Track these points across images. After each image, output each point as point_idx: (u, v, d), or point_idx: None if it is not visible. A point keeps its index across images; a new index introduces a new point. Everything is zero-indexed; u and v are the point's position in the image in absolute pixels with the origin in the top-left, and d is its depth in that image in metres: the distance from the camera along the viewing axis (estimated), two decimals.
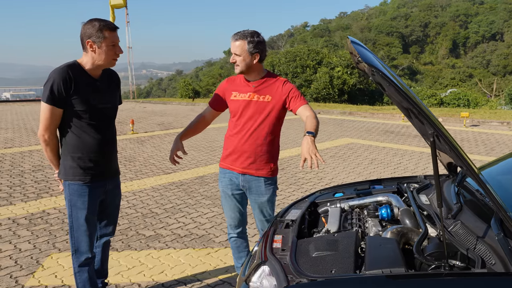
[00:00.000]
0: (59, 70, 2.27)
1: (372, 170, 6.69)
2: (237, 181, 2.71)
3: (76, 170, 2.37)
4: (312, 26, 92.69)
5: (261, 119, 2.60)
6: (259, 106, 2.61)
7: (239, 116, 2.65)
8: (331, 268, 1.68)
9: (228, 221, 2.87)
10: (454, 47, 77.09)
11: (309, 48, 29.84)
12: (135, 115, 13.97)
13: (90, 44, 2.26)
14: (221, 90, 2.77)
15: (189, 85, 27.15)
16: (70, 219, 2.44)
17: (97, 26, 2.25)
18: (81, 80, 2.30)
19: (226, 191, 2.78)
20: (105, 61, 2.32)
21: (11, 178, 5.99)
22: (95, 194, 2.46)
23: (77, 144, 2.36)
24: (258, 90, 2.62)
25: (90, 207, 2.44)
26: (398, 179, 2.83)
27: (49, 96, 2.24)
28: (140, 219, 4.45)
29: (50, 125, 2.30)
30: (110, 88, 2.48)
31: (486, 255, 1.66)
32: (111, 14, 21.00)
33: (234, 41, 2.56)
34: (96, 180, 2.44)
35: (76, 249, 2.46)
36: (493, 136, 9.96)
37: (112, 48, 2.30)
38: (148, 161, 7.24)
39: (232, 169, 2.71)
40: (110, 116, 2.50)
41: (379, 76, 1.73)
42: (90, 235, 2.46)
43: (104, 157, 2.46)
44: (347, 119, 13.22)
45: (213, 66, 68.70)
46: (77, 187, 2.39)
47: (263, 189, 2.68)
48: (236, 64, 2.58)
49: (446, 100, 24.12)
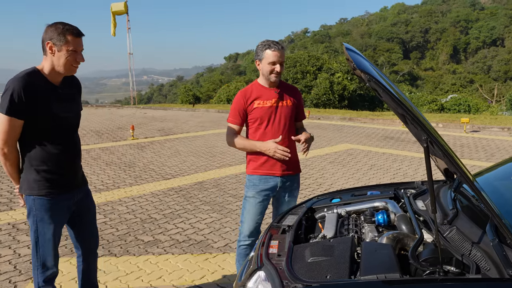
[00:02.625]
0: (18, 78, 2.12)
1: (371, 175, 6.69)
2: (276, 184, 2.85)
3: (42, 183, 2.24)
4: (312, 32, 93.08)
5: (288, 123, 2.83)
6: (284, 110, 2.81)
7: (267, 122, 2.80)
8: (326, 274, 1.68)
9: (247, 228, 2.88)
10: (454, 53, 77.30)
11: (309, 54, 29.97)
12: (135, 121, 14.01)
13: (50, 46, 2.14)
14: (240, 104, 2.83)
15: (189, 91, 27.24)
16: (35, 235, 2.29)
17: (60, 29, 2.14)
18: (42, 88, 2.17)
19: (257, 198, 2.85)
20: (64, 67, 2.19)
21: (11, 184, 6.00)
22: (63, 207, 2.34)
23: (41, 156, 2.22)
24: (281, 95, 2.82)
25: (59, 221, 2.33)
26: (396, 184, 2.84)
27: (8, 107, 2.08)
28: (139, 225, 4.45)
29: (10, 138, 2.15)
30: (71, 95, 2.35)
31: (481, 261, 1.66)
32: (112, 21, 21.11)
33: (278, 51, 2.71)
34: (64, 192, 2.32)
35: (42, 263, 2.33)
36: (493, 142, 9.96)
37: (73, 54, 2.17)
38: (147, 166, 7.25)
39: (272, 174, 2.83)
40: (73, 124, 2.38)
41: (373, 82, 1.74)
42: (55, 249, 2.36)
43: (70, 167, 2.35)
44: (347, 125, 13.23)
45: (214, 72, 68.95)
46: (44, 201, 2.25)
47: (296, 184, 2.95)
48: (278, 73, 2.75)
49: (447, 105, 24.14)
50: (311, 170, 6.98)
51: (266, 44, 2.72)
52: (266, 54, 2.71)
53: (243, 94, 2.84)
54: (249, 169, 2.89)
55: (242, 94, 2.84)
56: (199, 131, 11.71)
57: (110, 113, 16.70)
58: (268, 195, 2.87)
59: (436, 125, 12.71)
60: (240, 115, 2.84)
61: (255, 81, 2.88)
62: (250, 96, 2.81)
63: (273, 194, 2.90)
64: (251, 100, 2.80)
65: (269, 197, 2.89)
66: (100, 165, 7.31)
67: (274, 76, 2.74)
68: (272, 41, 2.74)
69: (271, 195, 2.89)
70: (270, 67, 2.72)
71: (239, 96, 2.84)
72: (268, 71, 2.74)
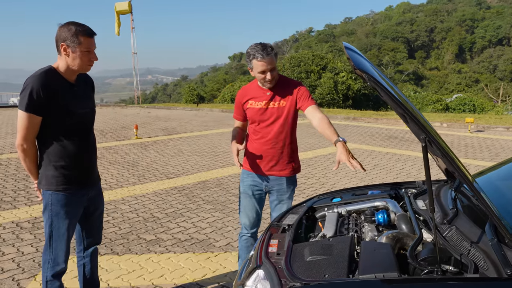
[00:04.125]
0: (36, 76, 2.17)
1: (374, 175, 6.68)
2: (261, 182, 2.85)
3: (60, 179, 2.29)
4: (317, 31, 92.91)
5: (279, 124, 2.76)
6: (275, 112, 2.76)
7: (258, 123, 2.79)
8: (325, 273, 1.69)
9: (244, 221, 2.95)
10: (460, 52, 76.88)
11: (314, 54, 29.93)
12: (139, 120, 14.06)
13: (64, 47, 2.19)
14: (238, 101, 2.89)
15: (193, 90, 27.30)
16: (49, 229, 2.34)
17: (73, 31, 2.17)
18: (59, 86, 2.23)
19: (247, 192, 2.89)
20: (79, 67, 2.25)
21: (15, 182, 6.05)
22: (79, 203, 2.40)
23: (59, 153, 2.28)
24: (273, 97, 2.76)
25: (74, 217, 2.38)
26: (397, 184, 2.84)
27: (28, 104, 2.14)
28: (142, 223, 4.47)
29: (29, 134, 2.21)
30: (86, 92, 2.42)
31: (479, 261, 1.66)
32: (117, 20, 21.19)
33: (265, 59, 2.61)
34: (80, 188, 2.38)
35: (54, 258, 2.38)
36: (498, 141, 9.91)
37: (87, 54, 2.23)
38: (151, 166, 7.28)
39: (256, 172, 2.85)
40: (90, 121, 2.44)
41: (372, 82, 1.75)
42: (68, 245, 2.40)
43: (87, 164, 2.41)
44: (351, 125, 13.21)
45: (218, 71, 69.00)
46: (61, 197, 2.31)
47: (285, 187, 2.86)
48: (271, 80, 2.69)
49: (452, 105, 24.04)
50: (314, 170, 6.98)
51: (252, 53, 2.63)
52: (254, 64, 2.66)
53: (241, 92, 2.89)
54: (243, 162, 2.94)
55: (241, 92, 2.89)
56: (202, 130, 11.73)
57: (114, 113, 16.77)
58: (259, 191, 2.88)
59: (441, 124, 12.67)
60: (239, 110, 2.89)
61: (255, 80, 2.88)
62: (246, 95, 2.84)
63: (264, 192, 2.90)
64: (246, 99, 2.83)
65: (261, 193, 2.89)
66: (103, 164, 7.34)
67: (268, 83, 2.71)
68: (259, 47, 2.61)
69: (263, 192, 2.89)
70: (261, 76, 2.68)
71: (239, 93, 2.90)
72: (261, 80, 2.72)
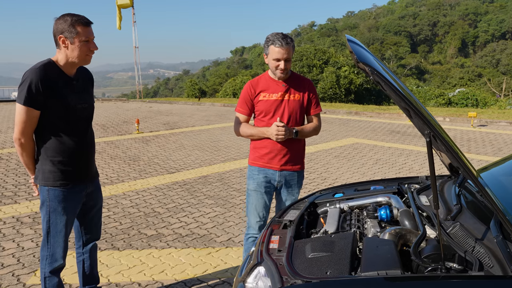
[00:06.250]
0: (35, 69, 2.15)
1: (376, 170, 6.64)
2: (274, 178, 2.82)
3: (57, 174, 2.27)
4: (319, 25, 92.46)
5: (295, 117, 2.76)
6: (291, 104, 2.74)
7: (272, 115, 2.75)
8: (327, 270, 1.66)
9: (254, 220, 2.88)
10: (463, 46, 76.46)
11: (316, 48, 29.80)
12: (140, 114, 14.02)
13: (63, 40, 2.17)
14: (247, 94, 2.82)
15: (195, 84, 27.26)
16: (47, 225, 2.32)
17: (69, 21, 2.15)
18: (58, 79, 2.20)
19: (258, 189, 2.84)
20: (78, 58, 2.22)
21: (16, 177, 6.04)
22: (77, 199, 2.37)
23: (57, 148, 2.25)
24: (289, 89, 2.75)
25: (71, 212, 2.36)
26: (399, 179, 2.80)
27: (26, 97, 2.12)
28: (143, 219, 4.46)
29: (27, 128, 2.19)
30: (85, 87, 2.39)
31: (484, 258, 1.63)
32: (118, 14, 21.08)
33: (283, 47, 2.62)
34: (78, 184, 2.35)
35: (52, 254, 2.36)
36: (501, 136, 9.85)
37: (86, 44, 2.21)
38: (152, 160, 7.26)
39: (269, 167, 2.81)
40: (88, 116, 2.41)
41: (375, 75, 1.71)
42: (66, 241, 2.38)
43: (85, 160, 2.38)
44: (353, 119, 13.15)
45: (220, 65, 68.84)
46: (58, 193, 2.28)
47: (296, 182, 2.87)
48: (283, 70, 2.68)
49: (454, 99, 23.90)
50: (316, 165, 6.95)
51: (272, 39, 2.65)
52: (270, 49, 2.67)
53: (251, 85, 2.83)
54: (250, 159, 2.89)
55: (250, 85, 2.83)
56: (204, 125, 11.70)
57: (116, 107, 16.73)
58: (269, 188, 2.85)
59: (443, 119, 12.59)
60: (247, 105, 2.83)
61: (265, 72, 2.86)
62: (257, 87, 2.80)
63: (274, 188, 2.87)
64: (257, 91, 2.78)
65: (271, 189, 2.87)
66: (104, 158, 7.33)
67: (280, 72, 2.70)
68: (280, 35, 2.64)
69: (272, 188, 2.86)
70: (275, 63, 2.68)
71: (248, 86, 2.84)
72: (273, 67, 2.71)
